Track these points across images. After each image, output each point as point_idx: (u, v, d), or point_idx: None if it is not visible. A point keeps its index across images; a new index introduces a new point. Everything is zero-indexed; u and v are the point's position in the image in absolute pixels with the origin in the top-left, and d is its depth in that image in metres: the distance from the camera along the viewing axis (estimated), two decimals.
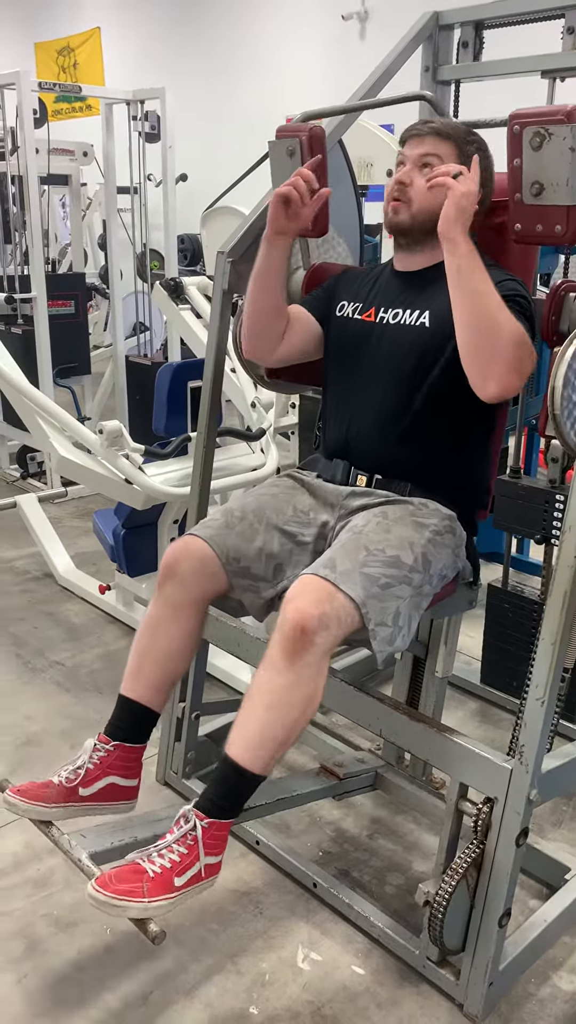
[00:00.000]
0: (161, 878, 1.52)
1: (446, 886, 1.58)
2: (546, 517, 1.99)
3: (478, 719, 2.67)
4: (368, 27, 7.27)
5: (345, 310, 1.93)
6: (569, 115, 1.46)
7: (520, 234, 1.58)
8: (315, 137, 1.85)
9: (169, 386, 2.78)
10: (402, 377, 1.79)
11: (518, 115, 1.52)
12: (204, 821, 1.57)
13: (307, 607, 1.53)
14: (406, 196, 1.80)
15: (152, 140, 4.72)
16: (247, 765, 1.56)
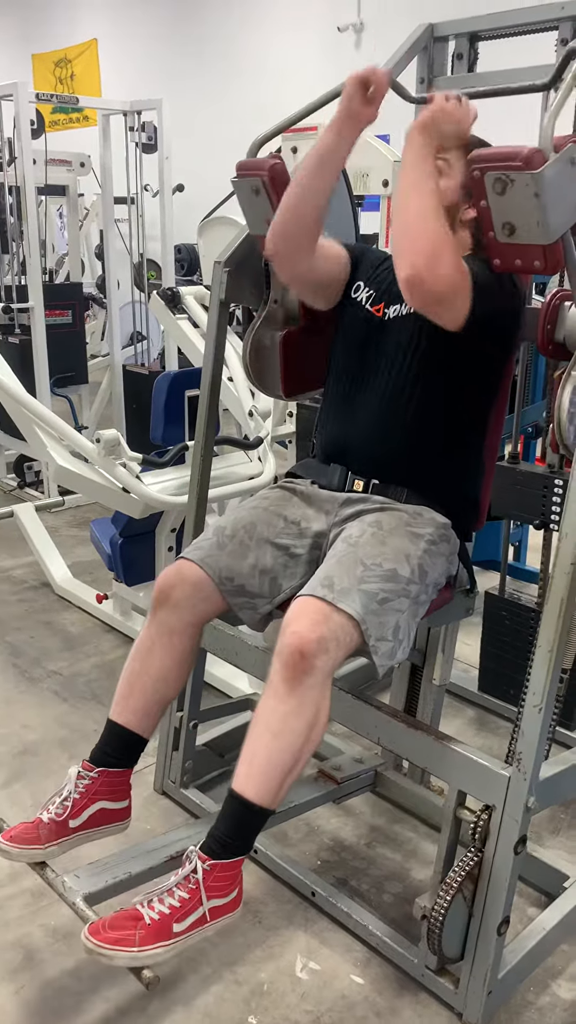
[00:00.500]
0: (158, 925, 1.50)
1: (442, 899, 1.57)
2: (544, 503, 1.99)
3: (476, 727, 2.67)
4: (364, 38, 7.31)
5: (360, 292, 1.92)
6: (527, 161, 1.40)
7: (500, 268, 1.57)
8: (277, 174, 1.82)
9: (167, 395, 2.79)
10: (402, 372, 1.80)
11: (477, 159, 1.46)
12: (206, 864, 1.54)
13: (305, 631, 1.52)
14: None
15: (149, 151, 4.75)
16: (254, 798, 1.54)
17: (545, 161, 1.41)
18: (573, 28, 2.02)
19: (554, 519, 1.96)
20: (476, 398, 1.83)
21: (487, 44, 2.26)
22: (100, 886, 1.72)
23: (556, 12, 2.03)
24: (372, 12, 7.21)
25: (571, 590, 1.51)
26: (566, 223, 1.48)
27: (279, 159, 1.87)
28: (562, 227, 1.47)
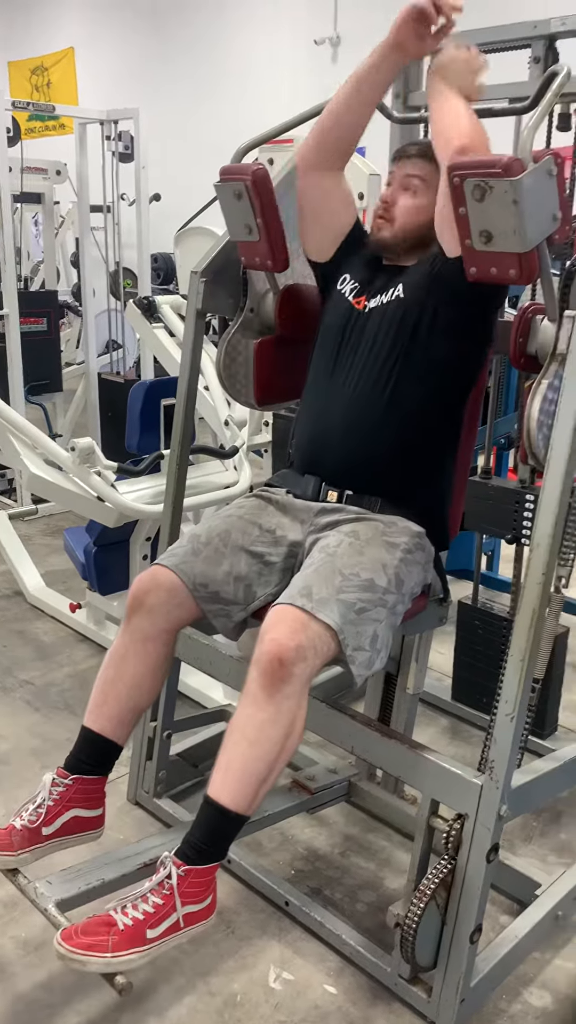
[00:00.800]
0: (132, 931, 1.49)
1: (415, 908, 1.58)
2: (516, 517, 2.01)
3: (449, 736, 2.68)
4: (340, 52, 7.37)
5: (345, 284, 1.94)
6: (507, 168, 1.44)
7: (476, 277, 1.59)
8: (259, 179, 1.86)
9: (142, 404, 2.79)
10: (375, 370, 1.82)
11: (457, 166, 1.50)
12: (181, 869, 1.54)
13: (283, 638, 1.52)
14: (390, 215, 1.88)
15: (126, 160, 4.75)
16: (230, 805, 1.54)
17: (524, 169, 1.44)
18: (545, 47, 2.06)
19: (525, 534, 1.98)
20: (448, 399, 1.85)
21: None
22: (73, 892, 1.71)
23: (528, 31, 2.06)
24: (349, 26, 7.28)
25: (542, 601, 1.53)
26: (542, 233, 1.51)
27: (262, 165, 1.89)
28: (538, 236, 1.50)
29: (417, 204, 1.85)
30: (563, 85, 1.58)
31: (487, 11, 2.30)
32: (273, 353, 2.10)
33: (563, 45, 2.06)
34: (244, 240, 1.96)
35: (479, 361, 1.89)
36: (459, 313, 1.77)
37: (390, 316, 1.83)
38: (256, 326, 2.13)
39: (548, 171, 1.49)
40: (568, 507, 1.55)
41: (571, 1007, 1.75)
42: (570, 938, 1.92)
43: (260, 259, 1.96)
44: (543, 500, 1.52)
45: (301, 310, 2.08)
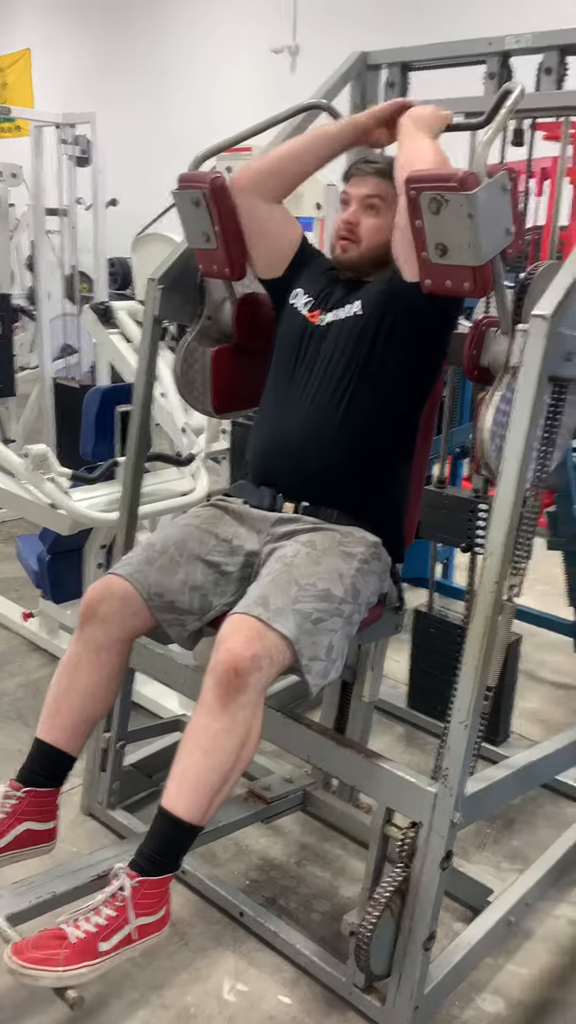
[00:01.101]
0: (84, 944, 1.47)
1: (370, 916, 1.58)
2: (470, 526, 2.03)
3: (404, 743, 2.69)
4: (298, 61, 7.42)
5: (298, 299, 1.95)
6: (462, 182, 1.46)
7: (431, 289, 1.61)
8: (217, 188, 1.86)
9: (97, 410, 2.77)
10: (332, 385, 1.83)
11: (413, 179, 1.53)
12: (134, 880, 1.53)
13: (239, 648, 1.52)
14: (355, 235, 1.88)
15: (83, 164, 4.72)
16: (184, 815, 1.53)
17: (479, 184, 1.46)
18: (500, 63, 2.10)
19: (479, 542, 2.01)
20: (403, 413, 1.87)
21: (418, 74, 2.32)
22: (24, 906, 1.69)
23: (484, 47, 2.10)
24: (307, 35, 7.32)
25: (495, 609, 1.55)
26: (496, 246, 1.53)
27: (220, 174, 1.89)
28: (492, 250, 1.53)
29: (380, 224, 1.86)
30: (517, 102, 1.60)
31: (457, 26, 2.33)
32: (230, 361, 2.10)
33: (517, 61, 2.10)
34: (202, 248, 1.96)
35: (434, 375, 1.91)
36: (416, 329, 1.80)
37: (348, 332, 1.84)
38: (214, 334, 2.13)
39: (502, 186, 1.51)
40: (520, 517, 1.57)
41: (523, 1012, 1.77)
42: (522, 944, 1.94)
43: (218, 267, 1.96)
44: (495, 510, 1.53)
45: (259, 318, 2.08)
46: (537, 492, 1.70)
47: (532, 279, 1.65)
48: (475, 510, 2.03)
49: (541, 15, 2.53)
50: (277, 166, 1.92)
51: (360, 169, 1.91)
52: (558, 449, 1.73)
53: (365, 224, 1.87)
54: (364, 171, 1.89)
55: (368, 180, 1.88)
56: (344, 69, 2.30)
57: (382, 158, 1.92)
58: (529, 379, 1.49)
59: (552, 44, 2.00)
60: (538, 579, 3.88)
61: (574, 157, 4.20)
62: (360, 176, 1.90)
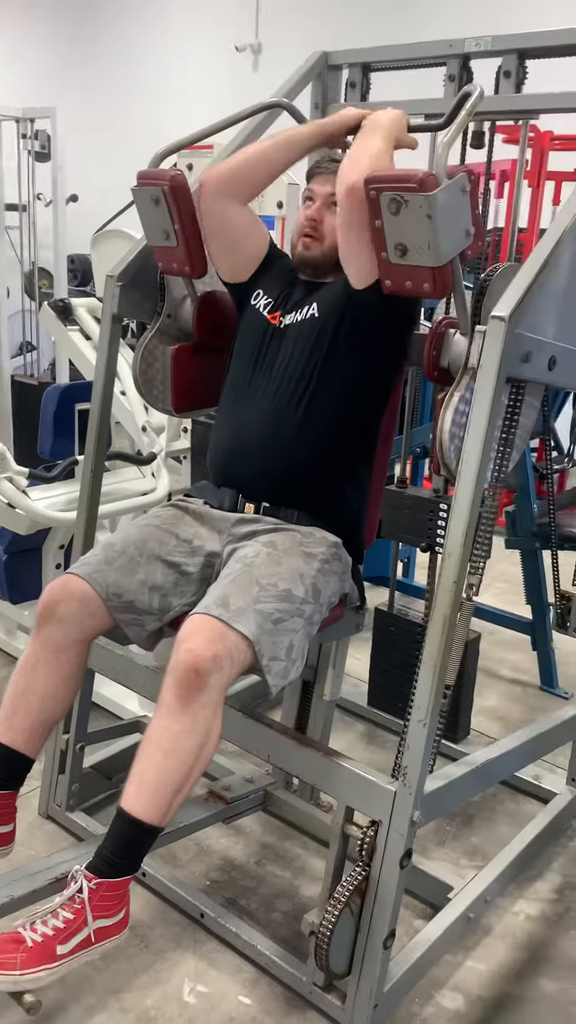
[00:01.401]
0: (41, 947, 1.46)
1: (330, 915, 1.58)
2: (431, 526, 2.05)
3: (365, 741, 2.70)
4: (261, 60, 7.40)
5: (259, 300, 1.94)
6: (421, 183, 1.47)
7: (391, 289, 1.62)
8: (177, 186, 1.85)
9: (56, 408, 2.74)
10: (292, 386, 1.83)
11: (373, 179, 1.53)
12: (92, 882, 1.51)
13: (199, 648, 1.51)
14: (319, 233, 1.87)
15: (42, 159, 4.66)
16: (144, 817, 1.51)
17: (438, 185, 1.47)
18: (460, 65, 2.11)
19: (439, 542, 2.02)
20: (362, 415, 1.87)
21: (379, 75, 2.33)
22: None
23: (444, 49, 2.11)
24: (270, 34, 7.31)
25: (453, 608, 1.56)
26: (455, 248, 1.54)
27: (180, 171, 1.88)
28: (451, 251, 1.53)
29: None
30: (476, 104, 1.61)
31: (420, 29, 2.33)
32: (191, 360, 2.09)
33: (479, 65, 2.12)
34: (162, 245, 1.94)
35: (393, 377, 1.92)
36: (374, 332, 1.80)
37: (305, 334, 1.84)
38: (174, 332, 2.11)
39: (462, 187, 1.52)
40: (479, 516, 1.58)
41: (482, 1008, 1.78)
42: (481, 940, 1.96)
43: (178, 265, 1.95)
44: (454, 510, 1.54)
45: (219, 317, 2.07)
46: (495, 492, 1.72)
47: (491, 280, 1.66)
48: (435, 510, 2.04)
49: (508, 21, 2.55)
50: (243, 169, 1.91)
51: (325, 168, 1.91)
52: (516, 450, 1.75)
53: (328, 222, 1.86)
54: (329, 169, 1.89)
55: (331, 179, 1.86)
56: (306, 68, 2.30)
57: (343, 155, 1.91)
58: (487, 380, 1.50)
59: (511, 48, 2.01)
60: (496, 577, 3.94)
61: (532, 160, 4.27)
62: (324, 175, 1.90)
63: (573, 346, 1.74)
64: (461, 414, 1.62)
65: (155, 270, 2.06)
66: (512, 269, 1.64)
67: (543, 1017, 1.77)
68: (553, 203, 4.89)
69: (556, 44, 1.98)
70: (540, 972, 1.88)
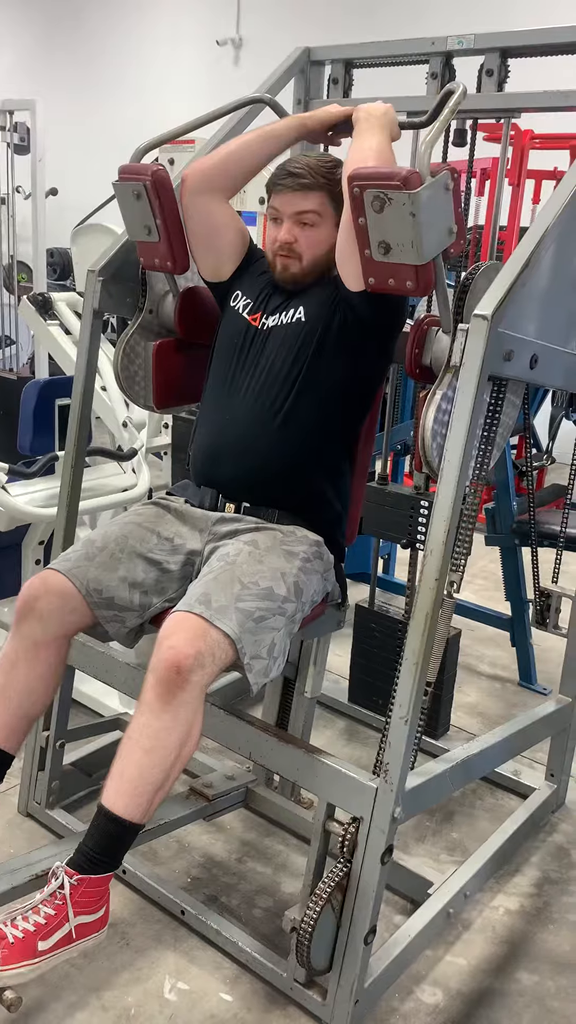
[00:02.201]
0: (22, 943, 1.46)
1: (312, 910, 1.59)
2: (411, 523, 2.05)
3: (346, 738, 2.71)
4: (242, 54, 7.38)
5: (239, 301, 1.93)
6: (405, 181, 1.46)
7: (373, 287, 1.62)
8: (159, 180, 1.84)
9: (35, 403, 2.71)
10: (273, 387, 1.82)
11: (357, 176, 1.52)
12: (73, 878, 1.51)
13: (182, 646, 1.51)
14: (295, 252, 1.85)
15: (22, 152, 4.62)
16: (124, 814, 1.51)
17: (422, 183, 1.47)
18: (442, 63, 2.11)
19: (420, 539, 2.03)
20: (346, 416, 1.88)
21: (362, 71, 2.33)
22: None
23: (427, 47, 2.11)
24: (252, 28, 7.30)
25: (435, 605, 1.56)
26: (438, 245, 1.54)
27: (162, 166, 1.86)
28: (434, 249, 1.54)
29: (318, 235, 1.83)
30: (459, 102, 1.62)
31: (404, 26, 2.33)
32: (172, 356, 2.08)
33: (461, 63, 2.12)
34: (143, 240, 1.93)
35: (378, 381, 1.93)
36: (364, 335, 1.80)
37: (291, 337, 1.83)
38: (155, 328, 2.11)
39: (445, 185, 1.52)
40: (460, 514, 1.59)
41: (462, 1002, 1.79)
42: (461, 935, 1.97)
43: (160, 260, 1.94)
44: (436, 508, 1.55)
45: (201, 313, 2.07)
46: (477, 489, 1.73)
47: (474, 278, 1.67)
48: (416, 507, 2.05)
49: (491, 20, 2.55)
50: (225, 164, 1.89)
51: (285, 186, 1.83)
52: (497, 447, 1.76)
53: (303, 239, 1.83)
54: (288, 186, 1.82)
55: (295, 195, 1.82)
56: (288, 64, 2.30)
57: (305, 168, 1.82)
58: (470, 378, 1.50)
59: (493, 46, 2.02)
60: (476, 574, 3.96)
61: (513, 158, 4.28)
62: (286, 192, 1.83)
63: (554, 344, 1.75)
64: (444, 412, 1.62)
65: (136, 265, 2.05)
66: (495, 267, 1.65)
67: (521, 1010, 1.79)
68: (533, 201, 4.92)
69: (538, 43, 2.00)
70: (519, 966, 1.90)
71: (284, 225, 1.84)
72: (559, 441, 4.51)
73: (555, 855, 2.25)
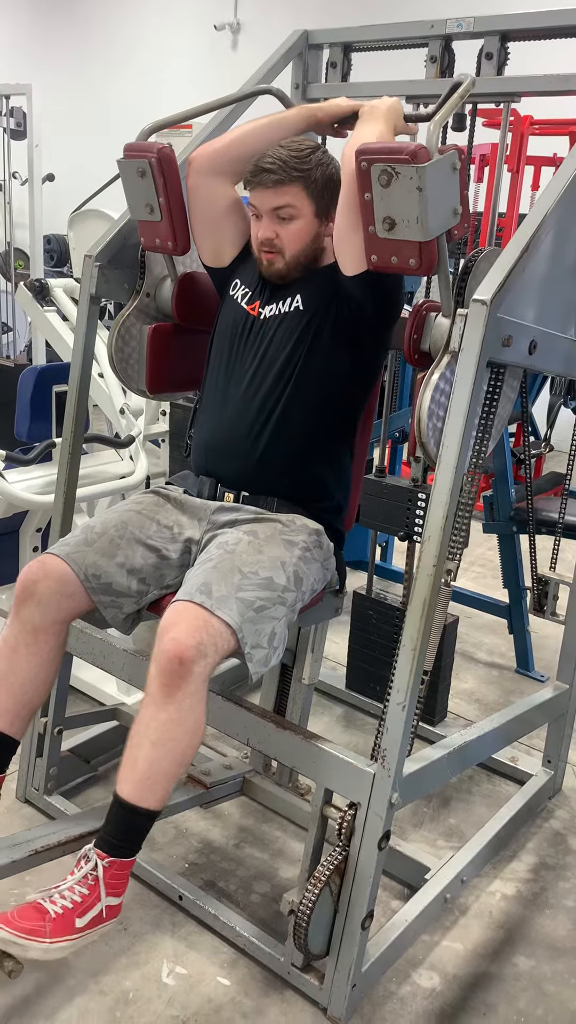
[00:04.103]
0: (63, 919, 1.49)
1: (310, 894, 1.59)
2: (408, 515, 2.05)
3: (343, 724, 2.72)
4: (240, 39, 7.33)
5: (237, 290, 1.93)
6: (414, 155, 1.46)
7: (376, 264, 1.61)
8: (165, 159, 1.83)
9: (33, 390, 2.70)
10: (272, 377, 1.82)
11: (365, 151, 1.52)
12: (105, 860, 1.54)
13: (184, 637, 1.51)
14: (277, 248, 1.83)
15: (18, 137, 4.60)
16: (139, 802, 1.54)
17: (430, 158, 1.47)
18: (442, 46, 2.10)
19: (417, 531, 2.03)
20: (344, 405, 1.87)
21: (361, 55, 2.31)
22: None
23: (426, 30, 2.10)
24: (250, 12, 7.24)
25: (433, 592, 1.56)
26: (443, 224, 1.54)
27: (168, 145, 1.85)
28: (439, 227, 1.53)
29: (299, 228, 1.81)
30: (468, 91, 1.62)
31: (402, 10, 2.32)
32: (168, 340, 2.07)
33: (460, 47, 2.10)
34: (145, 219, 1.92)
35: (377, 368, 1.92)
36: (361, 323, 1.79)
37: (288, 326, 1.82)
38: (152, 311, 2.10)
39: (452, 164, 1.52)
40: (458, 502, 1.58)
41: (458, 987, 1.81)
42: (457, 920, 1.98)
43: (161, 240, 1.92)
44: (434, 494, 1.54)
45: (198, 299, 2.06)
46: (474, 477, 1.72)
47: (476, 262, 1.67)
48: (414, 499, 2.04)
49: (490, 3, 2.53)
50: (233, 147, 1.88)
51: (259, 182, 1.79)
52: (494, 435, 1.75)
53: (284, 234, 1.81)
54: (263, 182, 1.78)
55: (270, 192, 1.79)
56: (286, 47, 2.28)
57: (276, 162, 1.78)
58: (468, 364, 1.50)
59: (494, 29, 2.01)
60: (474, 561, 3.96)
61: (512, 144, 4.26)
62: (261, 188, 1.80)
63: (553, 330, 1.75)
64: (441, 392, 1.62)
65: (135, 250, 2.04)
66: (496, 252, 1.64)
67: (518, 994, 1.80)
68: (532, 188, 4.90)
69: (538, 26, 1.98)
70: (515, 950, 1.91)
71: (263, 221, 1.82)
72: (557, 428, 4.51)
73: (551, 841, 2.26)
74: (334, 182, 1.80)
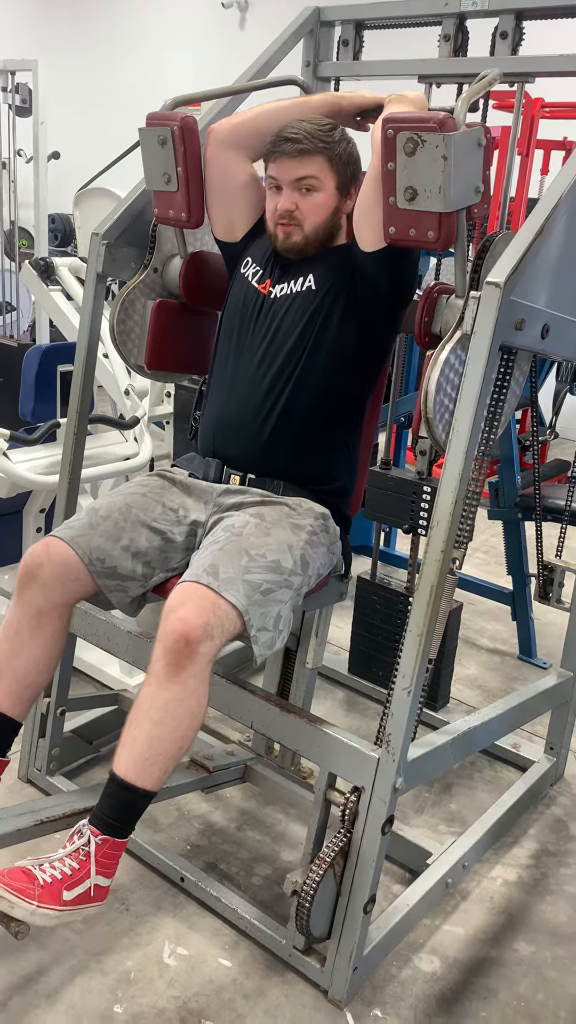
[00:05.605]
0: (51, 888, 1.48)
1: (314, 875, 1.60)
2: (413, 508, 2.04)
3: (345, 708, 2.72)
4: (248, 17, 7.24)
5: (248, 268, 1.91)
6: (441, 123, 1.46)
7: (394, 237, 1.60)
8: (187, 128, 1.82)
9: (37, 370, 2.69)
10: (280, 357, 1.80)
11: (391, 119, 1.52)
12: (98, 837, 1.53)
13: (191, 617, 1.50)
14: (296, 220, 1.81)
15: (23, 114, 4.54)
16: (137, 782, 1.53)
17: (457, 128, 1.47)
18: (455, 25, 2.06)
19: (422, 523, 2.03)
20: (353, 388, 1.86)
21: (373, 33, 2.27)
22: None
23: (440, 7, 2.06)
24: None
25: (440, 577, 1.55)
26: (464, 198, 1.54)
27: (191, 115, 1.84)
28: (461, 200, 1.53)
29: (321, 201, 1.80)
30: (494, 81, 1.63)
31: None
32: (172, 317, 2.05)
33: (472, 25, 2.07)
34: (161, 189, 1.90)
35: (386, 351, 1.91)
36: (374, 303, 1.78)
37: (300, 306, 1.81)
38: (158, 288, 2.08)
39: (478, 140, 1.52)
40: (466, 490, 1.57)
41: (459, 971, 1.81)
42: (459, 904, 1.98)
43: (175, 211, 1.91)
44: (444, 479, 1.53)
45: (206, 279, 2.04)
46: (481, 464, 1.71)
47: (493, 242, 1.65)
48: (419, 492, 2.03)
49: None
50: (256, 122, 1.88)
51: (282, 151, 1.78)
52: (503, 420, 1.74)
53: (304, 205, 1.80)
54: (287, 152, 1.77)
55: (293, 161, 1.77)
56: (297, 24, 2.24)
57: (302, 133, 1.78)
58: (481, 347, 1.48)
59: (508, 7, 1.97)
60: (478, 548, 3.95)
61: (522, 127, 4.21)
62: (283, 159, 1.78)
63: (565, 314, 1.73)
64: (451, 368, 1.60)
65: (143, 227, 2.02)
66: (511, 236, 1.62)
67: (519, 979, 1.80)
68: (542, 172, 4.85)
69: (555, 4, 1.94)
70: (516, 936, 1.91)
71: (284, 192, 1.80)
72: (562, 416, 4.48)
73: (553, 827, 2.26)
74: (354, 159, 1.81)
